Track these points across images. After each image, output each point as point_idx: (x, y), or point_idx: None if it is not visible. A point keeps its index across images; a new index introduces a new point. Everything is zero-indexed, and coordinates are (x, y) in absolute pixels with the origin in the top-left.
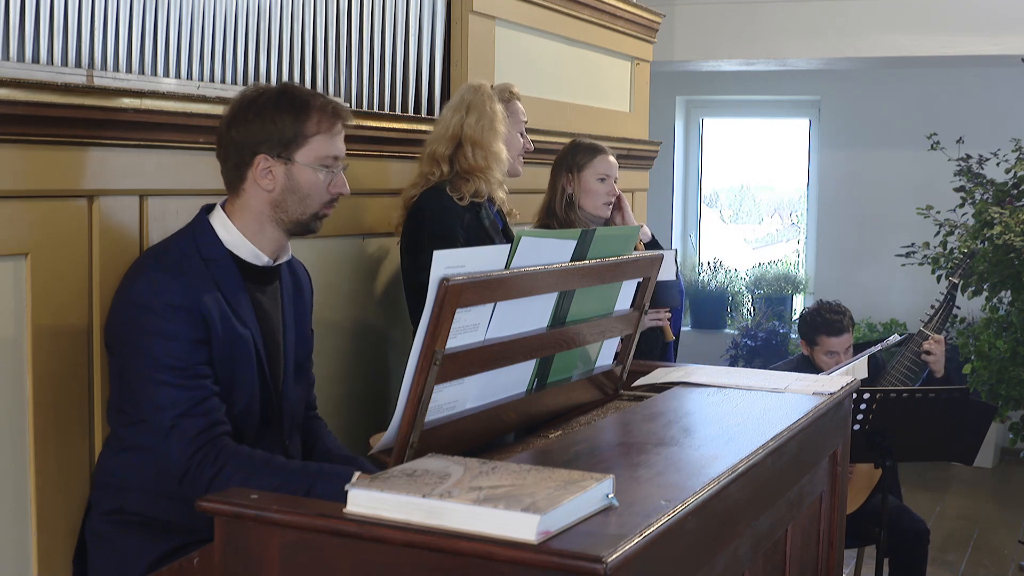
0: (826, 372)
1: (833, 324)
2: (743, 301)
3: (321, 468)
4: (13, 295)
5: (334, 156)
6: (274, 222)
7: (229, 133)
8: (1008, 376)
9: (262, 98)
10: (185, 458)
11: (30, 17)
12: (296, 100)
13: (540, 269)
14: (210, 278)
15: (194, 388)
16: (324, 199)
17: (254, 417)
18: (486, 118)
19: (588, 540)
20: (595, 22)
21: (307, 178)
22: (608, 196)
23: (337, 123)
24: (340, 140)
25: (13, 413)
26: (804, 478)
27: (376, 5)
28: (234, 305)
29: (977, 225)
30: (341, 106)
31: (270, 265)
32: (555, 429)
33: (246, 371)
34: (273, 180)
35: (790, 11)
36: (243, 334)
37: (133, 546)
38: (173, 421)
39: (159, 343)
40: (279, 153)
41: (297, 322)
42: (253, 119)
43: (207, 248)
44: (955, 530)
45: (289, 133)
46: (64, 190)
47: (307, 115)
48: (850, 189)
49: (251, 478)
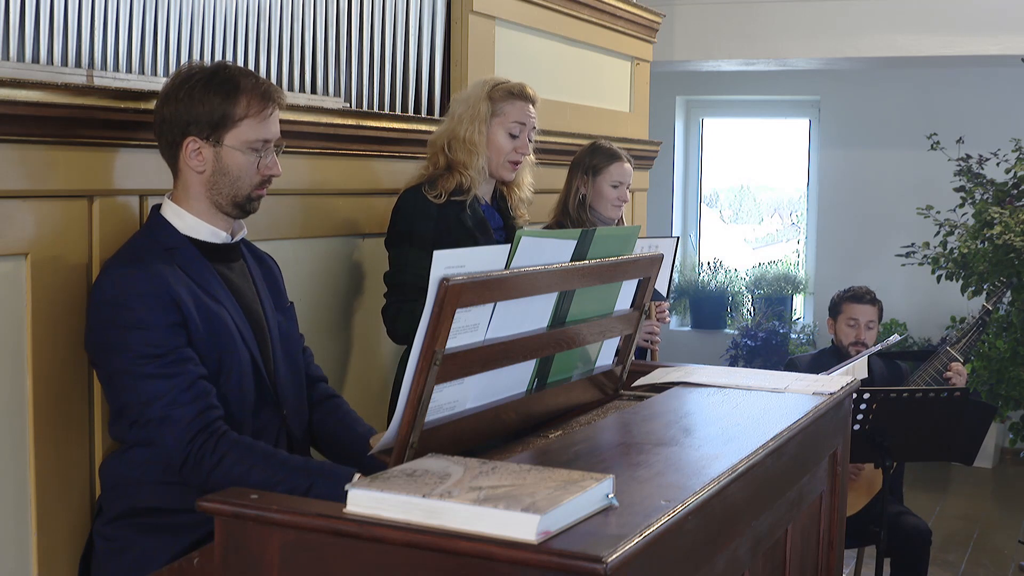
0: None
1: (859, 293)
2: (743, 301)
3: (323, 467)
4: (13, 295)
5: (264, 139)
6: (212, 203)
7: (162, 111)
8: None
9: (194, 78)
10: (183, 445)
11: (30, 17)
12: (226, 82)
13: (540, 269)
14: (174, 264)
15: (178, 375)
16: (255, 181)
17: (248, 393)
18: (468, 111)
19: (588, 540)
20: (595, 22)
21: (236, 161)
22: (618, 201)
23: (268, 106)
24: (272, 123)
25: (13, 413)
26: (804, 478)
27: (376, 5)
28: (204, 285)
29: (977, 225)
30: (273, 88)
31: (229, 242)
32: (555, 429)
33: (231, 348)
34: (203, 162)
35: (790, 11)
36: (219, 312)
37: (144, 548)
38: (163, 412)
39: (134, 335)
40: (207, 135)
41: (272, 295)
42: (184, 98)
43: (165, 238)
44: (955, 530)
45: (217, 115)
46: (64, 190)
47: (236, 97)
48: (850, 189)
49: (252, 471)
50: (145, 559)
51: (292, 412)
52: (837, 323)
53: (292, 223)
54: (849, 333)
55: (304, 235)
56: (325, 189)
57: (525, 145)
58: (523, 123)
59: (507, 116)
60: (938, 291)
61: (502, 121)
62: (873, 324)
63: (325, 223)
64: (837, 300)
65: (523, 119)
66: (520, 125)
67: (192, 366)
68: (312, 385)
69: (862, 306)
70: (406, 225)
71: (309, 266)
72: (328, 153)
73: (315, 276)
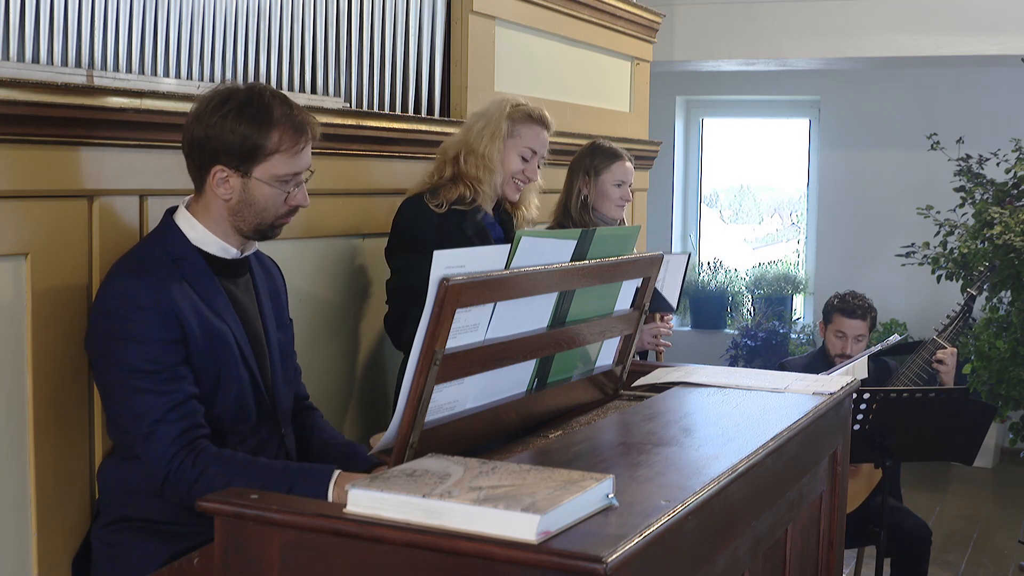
0: (826, 372)
1: (849, 306)
2: (743, 301)
3: (302, 468)
4: (13, 295)
5: (294, 172)
6: (232, 227)
7: (192, 130)
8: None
9: (228, 103)
10: (164, 462)
11: (30, 17)
12: (260, 112)
13: (540, 269)
14: (180, 277)
15: (170, 393)
16: (281, 211)
17: (248, 412)
18: (488, 128)
19: (588, 540)
20: (595, 22)
21: (263, 193)
22: (622, 200)
23: (301, 140)
24: (303, 157)
25: (13, 413)
26: (804, 478)
27: (376, 5)
28: (208, 301)
29: (977, 225)
30: (308, 120)
31: (238, 257)
32: (555, 429)
33: (231, 366)
34: (229, 190)
35: (790, 11)
36: (221, 329)
37: (140, 552)
38: (149, 428)
39: (132, 348)
40: (236, 166)
41: (275, 311)
42: (216, 124)
43: (175, 247)
44: (955, 530)
45: (248, 146)
46: (64, 190)
47: (269, 130)
48: (850, 189)
49: (232, 480)
50: (143, 562)
51: (289, 430)
52: (827, 330)
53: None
54: (836, 344)
55: (304, 235)
56: (325, 189)
57: (534, 170)
58: (535, 150)
59: (522, 139)
60: (938, 291)
61: (516, 143)
62: (863, 337)
63: (325, 223)
64: (829, 308)
65: (536, 146)
66: (532, 152)
67: (186, 385)
68: (297, 402)
69: (852, 320)
70: (408, 233)
71: (309, 266)
72: (328, 153)
73: (315, 276)
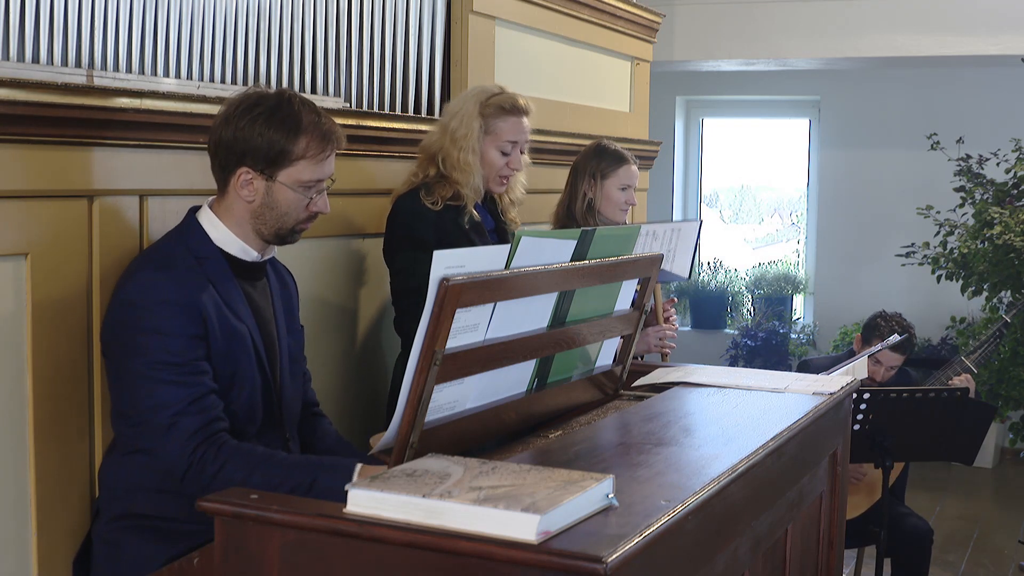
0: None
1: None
2: (743, 301)
3: (323, 461)
4: (13, 295)
5: (318, 179)
6: (253, 230)
7: (219, 132)
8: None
9: (257, 107)
10: (186, 455)
11: (30, 17)
12: (289, 118)
13: (540, 269)
14: (203, 275)
15: (192, 385)
16: (302, 216)
17: (257, 412)
18: (462, 130)
19: (588, 540)
20: (595, 22)
21: (286, 197)
22: (626, 204)
23: (327, 148)
24: (328, 164)
25: (13, 413)
26: (804, 478)
27: (376, 5)
28: (228, 300)
29: (977, 225)
30: (334, 130)
31: (259, 260)
32: (555, 429)
33: (246, 366)
34: (253, 192)
35: (790, 11)
36: (240, 329)
37: (142, 550)
38: (171, 419)
39: (155, 340)
40: (262, 169)
41: (287, 316)
42: (244, 127)
43: (197, 247)
44: (955, 530)
45: (275, 151)
46: (64, 190)
47: (296, 136)
48: (850, 189)
49: (253, 473)
50: (143, 561)
51: (293, 435)
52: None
53: None
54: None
55: (304, 235)
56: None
57: (517, 160)
58: (515, 141)
59: (499, 135)
60: (938, 291)
61: (494, 139)
62: (895, 367)
63: (325, 223)
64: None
65: (515, 136)
66: (512, 143)
67: (207, 379)
68: (305, 408)
69: (893, 354)
70: (406, 231)
71: (309, 266)
72: None
73: (315, 276)
